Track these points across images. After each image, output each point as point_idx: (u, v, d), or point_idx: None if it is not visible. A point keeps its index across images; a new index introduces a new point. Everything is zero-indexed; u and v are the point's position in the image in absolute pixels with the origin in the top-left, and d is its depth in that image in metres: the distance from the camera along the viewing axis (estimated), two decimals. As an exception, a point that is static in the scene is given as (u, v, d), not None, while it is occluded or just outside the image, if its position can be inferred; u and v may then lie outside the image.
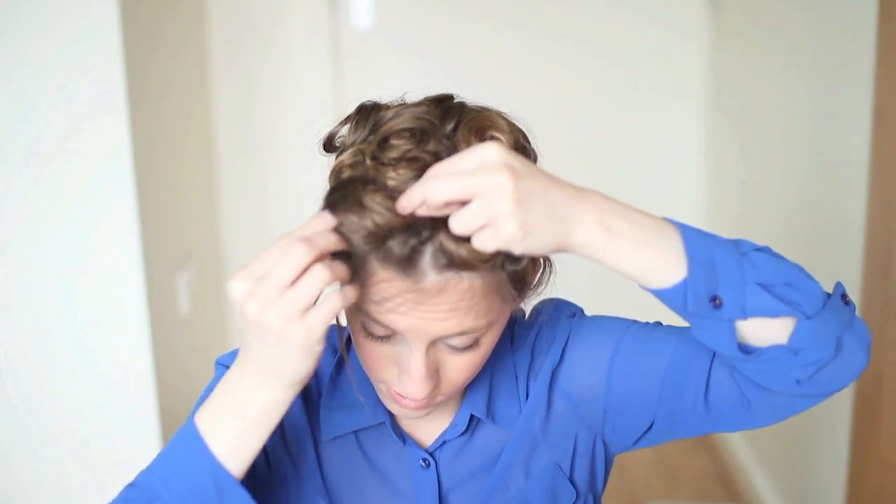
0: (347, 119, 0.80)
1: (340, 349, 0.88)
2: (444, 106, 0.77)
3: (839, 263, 1.76)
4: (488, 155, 0.67)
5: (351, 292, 0.70)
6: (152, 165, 1.93)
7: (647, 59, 2.73)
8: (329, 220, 0.70)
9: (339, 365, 0.90)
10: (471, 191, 0.66)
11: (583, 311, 0.93)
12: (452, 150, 0.73)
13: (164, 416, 1.91)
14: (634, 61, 2.73)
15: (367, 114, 0.79)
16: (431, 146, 0.73)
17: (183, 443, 0.75)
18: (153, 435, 1.88)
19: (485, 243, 0.68)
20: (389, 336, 0.76)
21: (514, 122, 0.79)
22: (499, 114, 0.78)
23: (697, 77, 2.73)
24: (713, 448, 2.63)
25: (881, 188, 1.54)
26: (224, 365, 0.87)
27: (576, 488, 0.89)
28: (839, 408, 1.74)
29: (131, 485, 0.77)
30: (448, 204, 0.68)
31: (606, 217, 0.70)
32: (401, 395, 0.79)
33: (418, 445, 0.89)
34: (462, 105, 0.78)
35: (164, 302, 2.00)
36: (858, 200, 1.63)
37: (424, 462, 0.88)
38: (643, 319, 0.90)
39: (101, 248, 1.81)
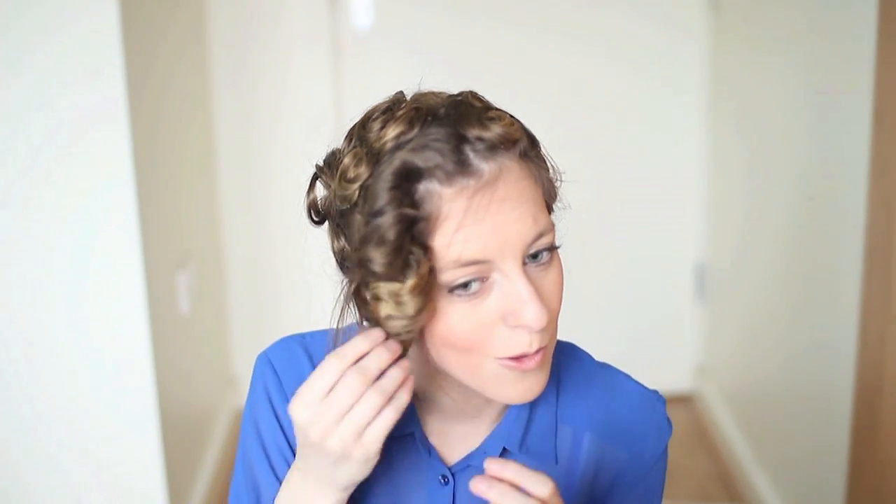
0: (312, 186, 0.84)
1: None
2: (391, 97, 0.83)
3: (839, 263, 1.76)
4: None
5: (405, 396, 0.77)
6: (153, 166, 1.94)
7: (648, 59, 2.73)
8: (378, 336, 0.77)
9: None
10: None
11: (666, 450, 0.94)
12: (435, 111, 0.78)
13: (164, 416, 1.91)
14: (634, 61, 2.73)
15: (329, 165, 0.82)
16: (403, 107, 0.78)
17: None
18: (153, 434, 1.89)
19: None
20: (483, 283, 0.76)
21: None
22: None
23: (698, 77, 2.73)
24: (713, 448, 2.63)
25: (881, 188, 1.54)
26: (269, 361, 0.90)
27: None
28: (839, 408, 1.74)
29: None
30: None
31: None
32: (517, 359, 0.78)
33: (441, 461, 0.88)
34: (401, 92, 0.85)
35: (164, 302, 2.00)
36: (858, 200, 1.63)
37: (444, 478, 0.87)
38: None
39: (101, 249, 1.81)
